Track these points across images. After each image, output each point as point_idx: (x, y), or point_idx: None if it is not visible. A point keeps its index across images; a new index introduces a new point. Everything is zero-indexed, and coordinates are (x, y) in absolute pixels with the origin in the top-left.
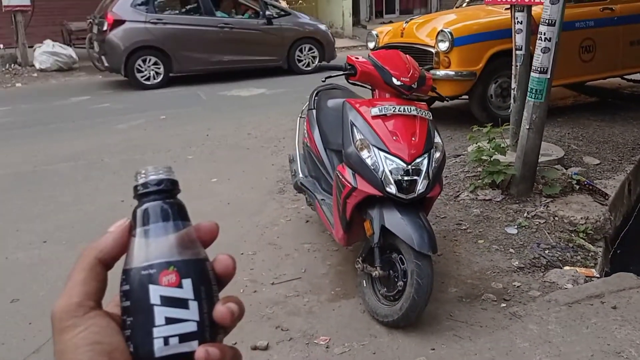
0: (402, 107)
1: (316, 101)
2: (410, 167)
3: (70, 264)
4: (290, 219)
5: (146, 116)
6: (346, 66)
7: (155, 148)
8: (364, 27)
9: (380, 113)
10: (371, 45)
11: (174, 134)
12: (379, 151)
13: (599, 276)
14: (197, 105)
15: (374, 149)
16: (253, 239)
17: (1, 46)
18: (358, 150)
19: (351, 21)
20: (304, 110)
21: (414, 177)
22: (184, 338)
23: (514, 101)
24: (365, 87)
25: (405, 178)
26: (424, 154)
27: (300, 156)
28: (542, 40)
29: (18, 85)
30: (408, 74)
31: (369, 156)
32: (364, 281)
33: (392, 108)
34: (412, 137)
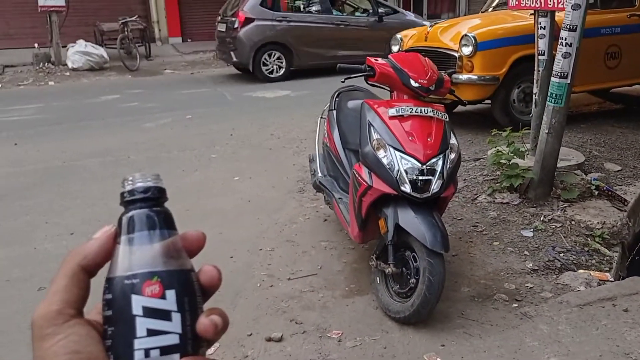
0: (419, 109)
1: (337, 102)
2: (425, 167)
3: None
4: (309, 217)
5: (173, 115)
6: (365, 67)
7: (181, 147)
8: None
9: (397, 114)
10: (395, 48)
11: (199, 133)
12: (394, 151)
13: (613, 280)
14: (222, 105)
15: (390, 148)
16: (272, 235)
17: (36, 45)
18: (374, 150)
19: None
20: (324, 111)
21: (428, 177)
22: (165, 350)
23: (536, 106)
24: (384, 89)
25: (420, 178)
26: (439, 154)
27: (320, 156)
28: (563, 45)
29: (51, 83)
30: (426, 76)
31: (385, 155)
32: (377, 278)
33: (409, 109)
34: (427, 138)
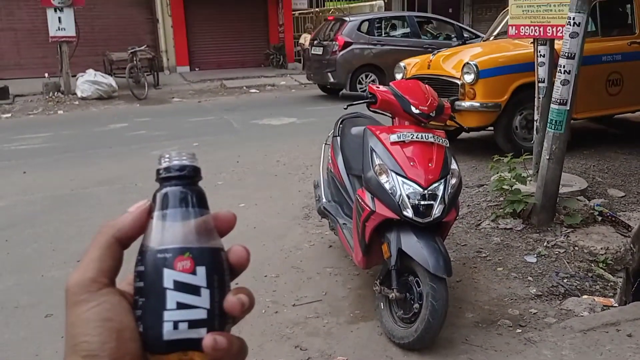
0: (420, 135)
1: (340, 129)
2: (427, 191)
3: None
4: (314, 243)
5: (180, 143)
6: (367, 94)
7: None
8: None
9: (399, 140)
10: (399, 76)
11: (205, 160)
12: (396, 176)
13: (617, 305)
14: (228, 133)
15: (392, 173)
16: (277, 262)
17: (46, 75)
18: (377, 175)
19: None
20: (329, 137)
21: (430, 202)
22: (193, 324)
23: (537, 132)
24: (386, 115)
25: (422, 202)
26: (441, 179)
27: (324, 181)
28: (561, 72)
29: (60, 112)
30: (426, 103)
31: (387, 181)
32: (381, 303)
33: (410, 135)
34: (429, 163)
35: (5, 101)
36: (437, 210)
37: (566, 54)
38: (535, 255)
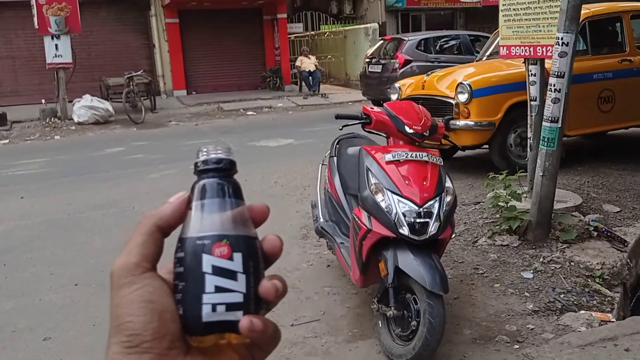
0: (414, 154)
1: (337, 149)
2: (422, 209)
3: (99, 305)
4: (312, 263)
5: (177, 166)
6: (362, 115)
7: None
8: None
9: (393, 159)
10: (394, 97)
11: None
12: (392, 194)
13: (614, 320)
14: None
15: (387, 192)
16: None
17: (43, 101)
18: (373, 194)
19: None
20: (325, 158)
21: (425, 220)
22: (230, 307)
23: (531, 150)
24: (381, 135)
25: (418, 220)
26: (435, 197)
27: (322, 201)
28: (552, 91)
29: (57, 137)
30: (420, 123)
31: (383, 199)
32: (379, 321)
33: (405, 154)
34: (423, 182)
35: (3, 127)
36: (432, 228)
37: (556, 73)
38: (532, 271)
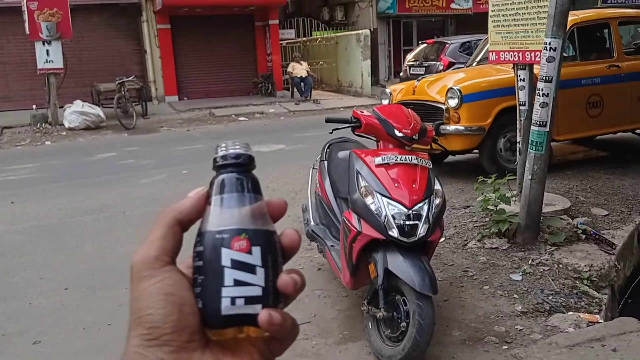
0: (403, 157)
1: (327, 153)
2: (412, 212)
3: (89, 309)
4: (303, 266)
5: (169, 171)
6: (352, 119)
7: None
8: (382, 87)
9: (383, 162)
10: (385, 102)
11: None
12: (382, 197)
13: (602, 322)
14: None
15: (377, 195)
16: None
17: (34, 107)
18: (363, 197)
19: (370, 81)
20: (316, 162)
21: (415, 222)
22: (249, 300)
23: (520, 154)
24: (371, 139)
25: (407, 222)
26: (425, 199)
27: (313, 205)
28: (540, 95)
29: (47, 143)
30: (409, 126)
31: (372, 202)
32: (369, 323)
33: (394, 157)
34: (413, 184)
35: None
36: (421, 230)
37: (544, 78)
38: (521, 273)
